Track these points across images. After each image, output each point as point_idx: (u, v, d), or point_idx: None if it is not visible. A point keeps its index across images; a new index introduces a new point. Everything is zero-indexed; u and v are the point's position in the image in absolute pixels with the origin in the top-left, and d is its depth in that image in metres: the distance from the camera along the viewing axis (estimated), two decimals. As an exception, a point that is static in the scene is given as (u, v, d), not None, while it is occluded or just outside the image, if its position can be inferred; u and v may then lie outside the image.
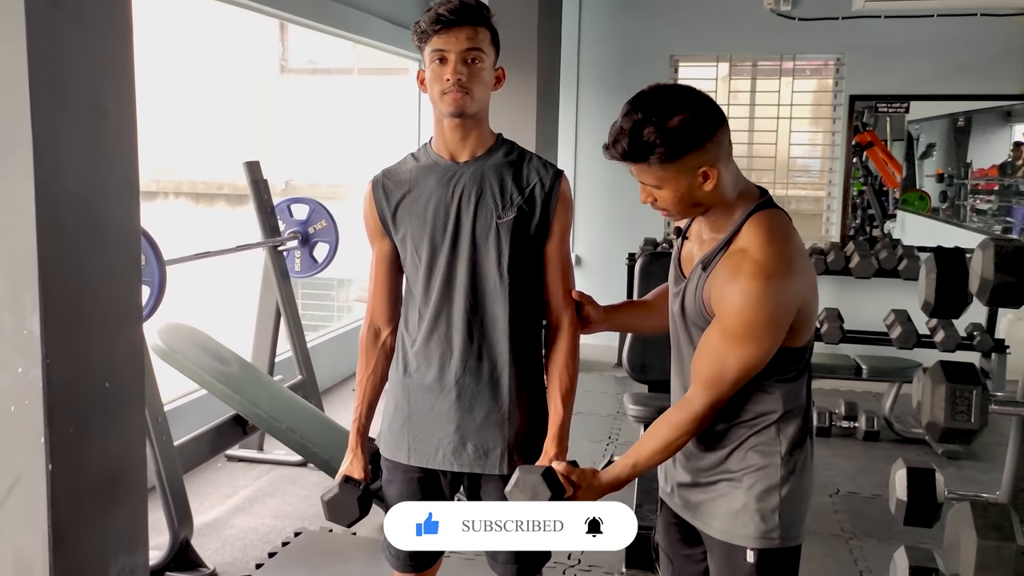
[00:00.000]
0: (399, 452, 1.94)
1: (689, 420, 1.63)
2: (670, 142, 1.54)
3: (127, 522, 2.11)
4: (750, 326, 1.55)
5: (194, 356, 3.44)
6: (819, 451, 4.52)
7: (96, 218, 1.96)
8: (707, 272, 1.64)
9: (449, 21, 1.78)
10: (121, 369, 2.07)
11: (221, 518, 3.58)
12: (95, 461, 1.99)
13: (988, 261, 1.92)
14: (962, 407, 1.83)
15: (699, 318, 1.67)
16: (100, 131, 1.95)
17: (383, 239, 1.94)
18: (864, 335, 5.68)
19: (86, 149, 1.91)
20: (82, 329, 1.94)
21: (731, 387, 1.61)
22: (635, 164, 1.59)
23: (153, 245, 2.82)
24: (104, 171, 1.98)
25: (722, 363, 1.59)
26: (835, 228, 6.51)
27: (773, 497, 1.66)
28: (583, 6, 6.58)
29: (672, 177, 1.58)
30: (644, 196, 1.67)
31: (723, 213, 1.65)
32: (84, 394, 1.95)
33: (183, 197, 9.50)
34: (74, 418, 1.91)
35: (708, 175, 1.58)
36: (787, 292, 1.57)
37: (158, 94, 8.70)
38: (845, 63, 6.33)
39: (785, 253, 1.58)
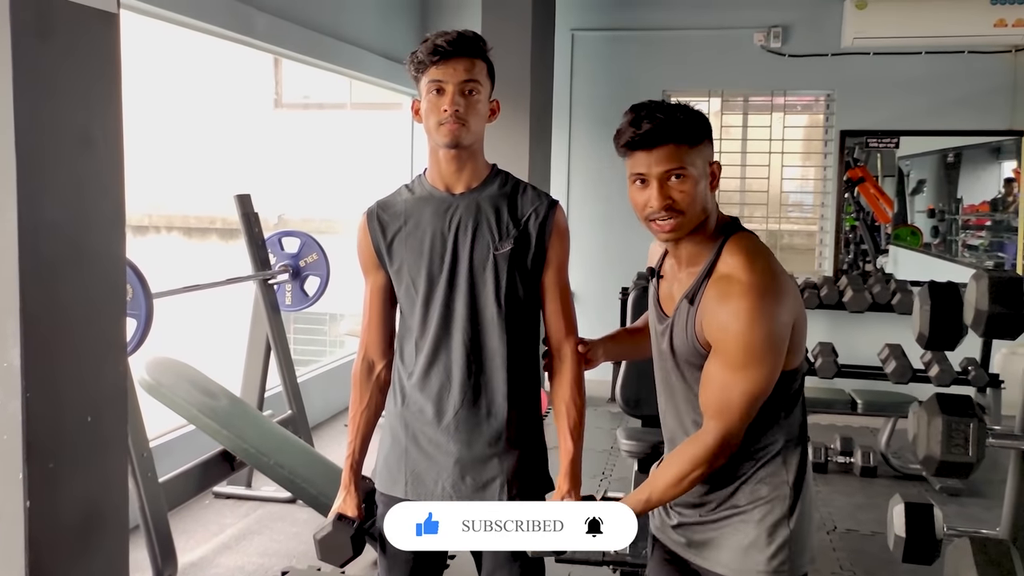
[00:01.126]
0: (395, 487, 1.90)
1: (704, 453, 1.59)
2: (697, 121, 1.60)
3: (107, 561, 2.05)
4: (749, 350, 1.53)
5: (181, 390, 3.39)
6: (817, 487, 4.48)
7: (80, 250, 1.93)
8: (694, 305, 1.62)
9: (447, 53, 1.78)
10: (104, 403, 2.02)
11: (207, 556, 3.51)
12: (75, 498, 1.94)
13: (983, 292, 1.90)
14: (959, 440, 1.80)
15: (692, 354, 1.64)
16: (86, 162, 1.93)
17: (378, 271, 1.91)
18: (859, 369, 5.65)
19: (71, 180, 1.89)
20: (64, 362, 1.90)
21: (741, 416, 1.57)
22: (670, 144, 1.57)
23: (140, 277, 2.79)
24: (89, 202, 1.95)
25: (728, 393, 1.56)
26: (828, 262, 6.51)
27: (783, 529, 1.64)
28: (575, 41, 6.62)
29: (695, 163, 1.59)
30: (661, 199, 1.58)
31: (702, 240, 1.64)
32: (65, 429, 1.90)
33: (175, 231, 9.48)
34: (54, 453, 1.86)
35: (715, 173, 1.64)
36: (780, 309, 1.56)
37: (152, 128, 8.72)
38: (835, 99, 6.37)
39: (770, 271, 1.58)
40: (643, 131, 1.57)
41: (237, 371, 4.24)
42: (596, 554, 2.79)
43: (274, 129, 8.50)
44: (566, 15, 6.42)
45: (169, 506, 3.16)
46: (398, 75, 6.31)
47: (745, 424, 1.59)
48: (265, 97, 8.57)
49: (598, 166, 6.44)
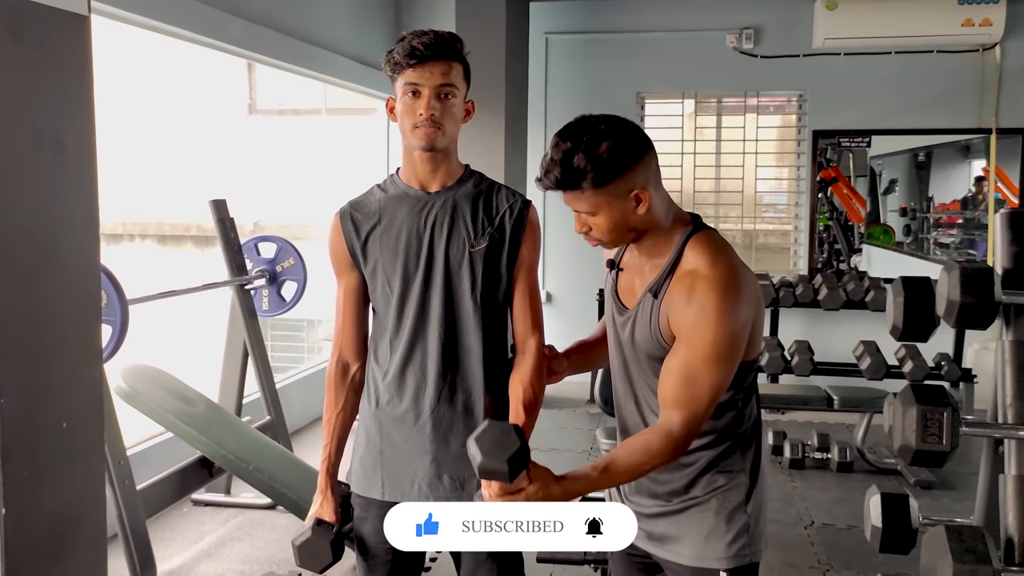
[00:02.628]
0: (372, 488, 1.90)
1: (669, 446, 1.57)
2: (600, 167, 1.56)
3: (85, 568, 2.04)
4: (716, 344, 1.56)
5: (157, 397, 3.37)
6: (793, 483, 4.52)
7: (54, 255, 1.91)
8: (658, 299, 1.65)
9: (423, 56, 1.77)
10: (80, 409, 2.01)
11: (186, 564, 3.49)
12: (51, 505, 1.92)
13: (954, 283, 1.93)
14: (933, 429, 1.83)
15: (655, 347, 1.66)
16: (59, 167, 1.91)
17: (351, 271, 1.91)
18: (834, 367, 5.72)
19: (44, 185, 1.87)
20: (39, 369, 1.88)
21: (705, 408, 1.59)
22: (569, 192, 1.61)
23: (115, 284, 2.77)
24: (63, 208, 1.94)
25: (694, 385, 1.57)
26: (803, 261, 6.57)
27: (741, 516, 1.69)
28: (549, 45, 6.65)
29: (605, 203, 1.60)
30: (579, 226, 1.67)
31: (659, 238, 1.67)
32: (40, 435, 1.89)
33: (149, 239, 9.39)
34: (29, 460, 1.85)
35: (640, 198, 1.61)
36: (742, 305, 1.59)
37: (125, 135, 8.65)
38: (807, 99, 6.44)
39: (732, 268, 1.61)
40: (544, 184, 1.62)
41: (215, 378, 4.21)
42: (578, 553, 2.79)
43: (249, 135, 8.46)
44: (540, 19, 6.45)
45: (147, 513, 3.14)
46: (372, 79, 6.30)
47: (707, 416, 1.61)
48: (239, 103, 8.52)
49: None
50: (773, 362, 5.67)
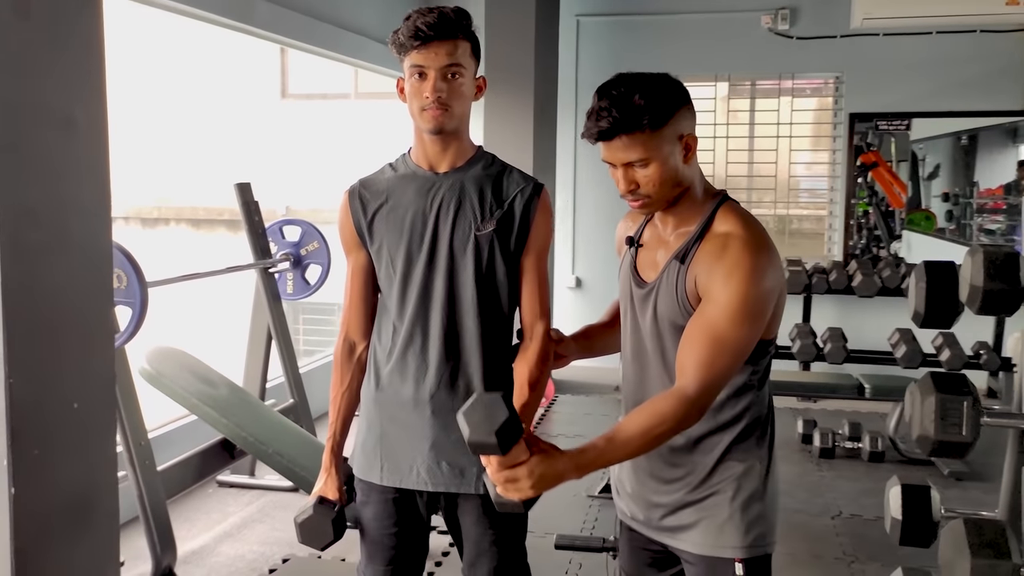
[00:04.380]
0: (372, 472, 1.88)
1: (681, 408, 1.49)
2: (658, 103, 1.54)
3: (96, 547, 2.05)
4: (746, 303, 1.51)
5: (181, 379, 3.39)
6: (821, 473, 4.44)
7: (64, 235, 1.90)
8: (686, 263, 1.60)
9: (428, 36, 1.73)
10: (91, 390, 2.01)
11: (208, 545, 3.51)
12: (62, 485, 1.93)
13: (978, 268, 1.86)
14: (953, 419, 1.76)
15: (680, 314, 1.61)
16: (69, 146, 1.90)
17: (359, 250, 1.89)
18: (868, 355, 5.60)
19: (53, 164, 1.86)
20: (49, 348, 1.88)
21: (724, 373, 1.52)
22: (625, 136, 1.55)
23: (135, 266, 2.77)
24: (73, 187, 1.93)
25: (719, 346, 1.51)
26: (837, 247, 6.44)
27: (757, 504, 1.64)
28: (580, 27, 6.56)
29: (659, 147, 1.55)
30: (625, 184, 1.60)
31: (691, 207, 1.64)
32: (51, 415, 1.89)
33: (184, 223, 9.49)
34: (39, 440, 1.85)
35: (690, 145, 1.59)
36: (772, 270, 1.55)
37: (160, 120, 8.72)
38: (844, 81, 6.29)
39: (764, 234, 1.59)
40: (600, 128, 1.56)
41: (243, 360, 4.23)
42: (596, 540, 2.76)
43: (281, 119, 8.48)
44: (570, 1, 6.37)
45: (168, 495, 3.16)
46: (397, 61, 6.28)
47: (723, 383, 1.54)
48: (272, 88, 8.55)
49: (605, 153, 6.37)
50: (805, 349, 5.57)
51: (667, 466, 1.68)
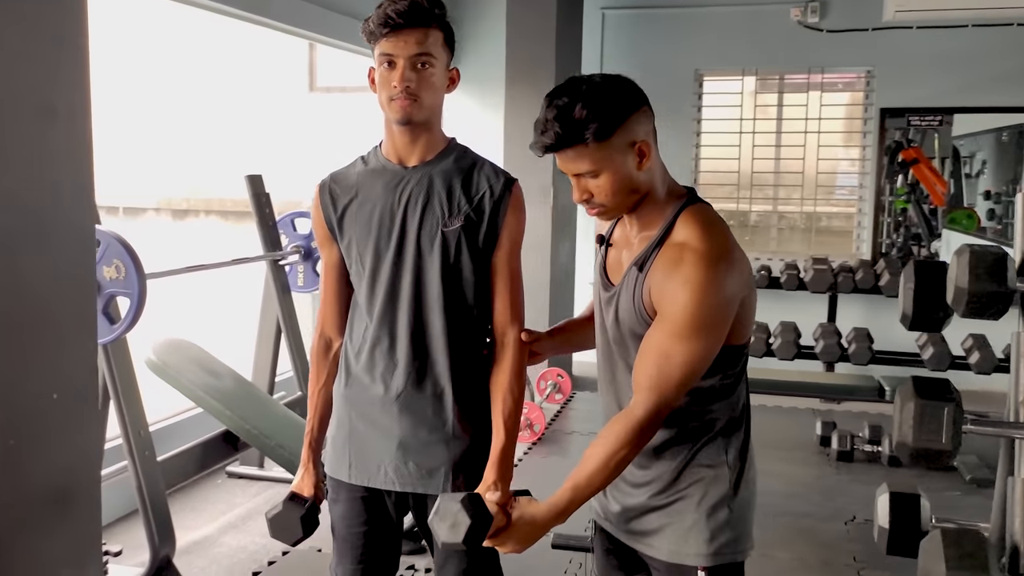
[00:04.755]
0: (341, 470, 1.85)
1: (631, 430, 1.50)
2: (602, 115, 1.48)
3: (75, 537, 2.04)
4: (695, 318, 1.46)
5: (186, 370, 3.40)
6: (838, 476, 4.33)
7: (43, 223, 1.90)
8: (643, 272, 1.55)
9: (397, 24, 1.69)
10: (71, 379, 2.00)
11: (212, 535, 3.52)
12: (40, 474, 1.92)
13: (963, 269, 1.77)
14: (932, 425, 1.68)
15: (638, 322, 1.56)
16: (49, 134, 1.89)
17: (331, 245, 1.85)
18: (895, 356, 5.48)
19: (31, 152, 1.86)
20: (25, 337, 1.87)
21: (676, 389, 1.50)
22: (570, 149, 1.50)
23: (134, 257, 2.77)
24: (53, 175, 1.92)
25: (667, 362, 1.48)
26: (866, 245, 6.30)
27: (723, 511, 1.59)
28: (606, 21, 6.49)
29: (608, 157, 1.50)
30: (578, 193, 1.56)
31: (653, 209, 1.58)
32: (28, 405, 1.88)
33: (214, 215, 9.57)
34: (15, 429, 1.85)
35: (644, 151, 1.52)
36: (730, 281, 1.49)
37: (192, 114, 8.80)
38: (876, 75, 6.14)
39: (724, 243, 1.52)
40: (543, 144, 1.52)
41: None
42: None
43: (308, 112, 8.51)
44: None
45: (168, 485, 3.17)
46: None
47: (679, 398, 1.51)
48: (300, 81, 8.57)
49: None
50: (829, 349, 5.46)
51: (636, 469, 1.64)
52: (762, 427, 5.62)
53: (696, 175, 6.45)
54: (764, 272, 5.97)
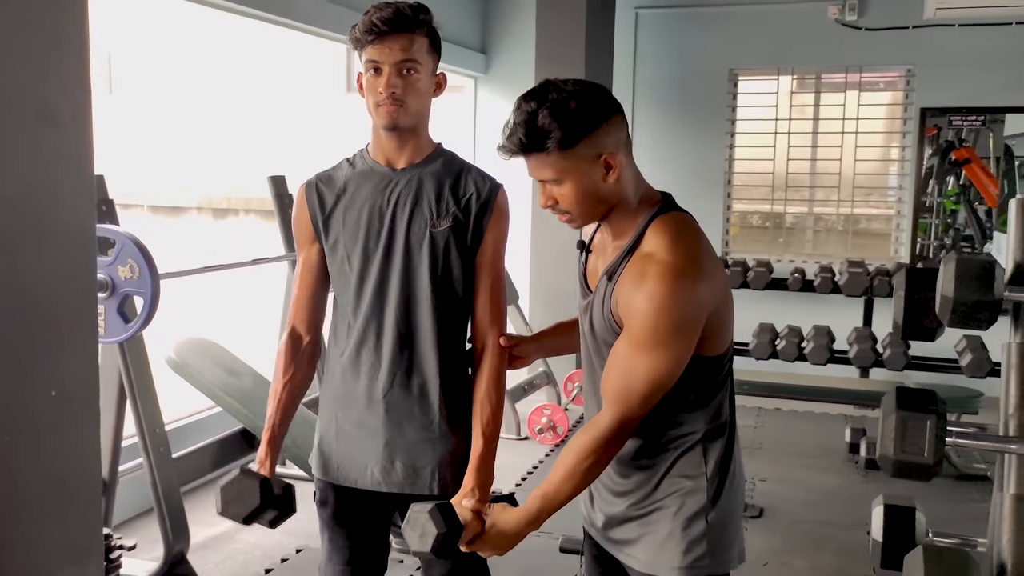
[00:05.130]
0: (328, 471, 1.85)
1: (595, 441, 1.49)
2: (566, 125, 1.46)
3: (75, 533, 2.07)
4: (657, 332, 1.44)
5: (205, 369, 3.44)
6: (865, 484, 4.24)
7: (42, 224, 1.92)
8: (612, 282, 1.53)
9: (381, 31, 1.71)
10: (71, 378, 2.03)
11: (228, 532, 3.56)
12: (37, 471, 1.95)
13: (949, 277, 1.70)
14: (914, 438, 1.62)
15: (608, 333, 1.55)
16: (48, 137, 1.92)
17: (312, 245, 1.86)
18: (932, 362, 5.34)
19: (30, 154, 1.88)
20: (22, 337, 1.90)
21: (640, 402, 1.48)
22: (533, 155, 1.49)
23: (147, 257, 2.81)
24: (53, 177, 1.95)
25: (630, 375, 1.47)
26: (904, 248, 6.16)
27: (699, 523, 1.56)
28: (639, 20, 6.43)
29: (572, 167, 1.48)
30: (544, 199, 1.55)
31: (625, 217, 1.55)
32: (26, 403, 1.91)
33: (253, 214, 9.71)
34: (13, 426, 1.88)
35: (610, 164, 1.50)
36: (696, 294, 1.46)
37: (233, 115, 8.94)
38: (916, 74, 5.99)
39: (692, 254, 1.48)
40: (506, 148, 1.51)
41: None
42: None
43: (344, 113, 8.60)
44: (628, -7, 6.25)
45: (184, 482, 3.21)
46: (458, 58, 6.27)
47: (645, 410, 1.49)
48: (337, 83, 8.67)
49: (666, 150, 6.25)
50: (862, 355, 5.34)
51: (617, 477, 1.63)
52: (791, 433, 5.55)
53: (729, 176, 6.36)
54: (798, 275, 5.86)
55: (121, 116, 9.14)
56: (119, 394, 3.01)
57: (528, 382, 5.35)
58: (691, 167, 6.28)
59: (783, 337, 5.66)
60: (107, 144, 8.96)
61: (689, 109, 6.27)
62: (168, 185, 9.37)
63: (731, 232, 6.46)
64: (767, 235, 6.47)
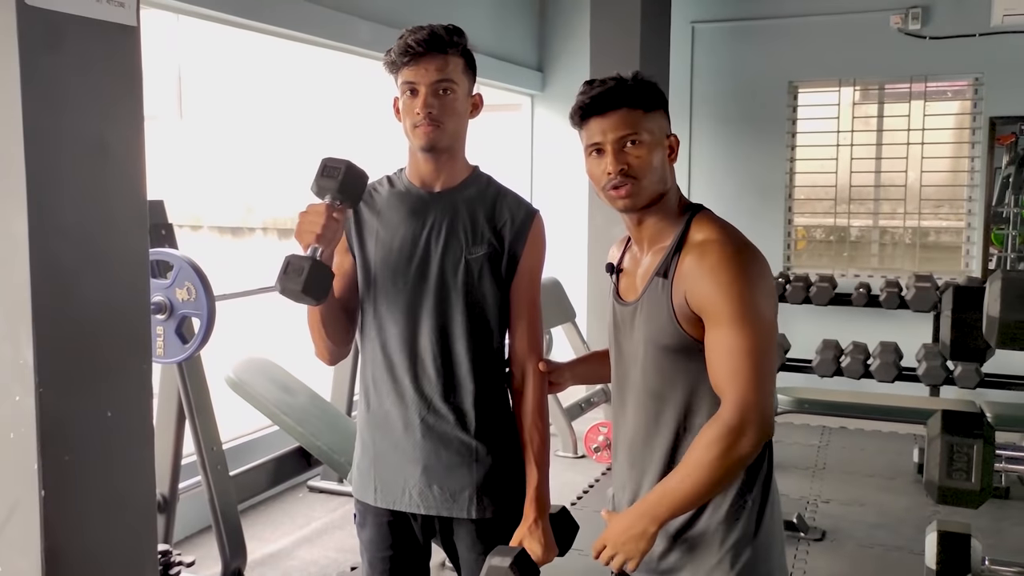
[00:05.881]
0: (367, 493, 1.87)
1: (718, 430, 1.45)
2: (652, 90, 1.57)
3: (130, 547, 2.14)
4: (742, 300, 1.45)
5: (262, 388, 3.52)
6: (936, 508, 4.09)
7: (98, 252, 2.00)
8: (669, 278, 1.54)
9: (417, 53, 1.72)
10: (125, 399, 2.10)
11: (286, 548, 3.63)
12: (95, 487, 2.02)
13: (994, 297, 1.64)
14: (960, 464, 1.56)
15: (666, 333, 1.54)
16: (103, 168, 2.00)
17: (346, 254, 1.85)
18: (1007, 380, 5.15)
19: (87, 186, 1.96)
20: (82, 360, 1.98)
21: (753, 379, 1.44)
22: (627, 110, 1.54)
23: (204, 280, 2.90)
24: (108, 207, 2.03)
25: (732, 357, 1.45)
26: (975, 262, 5.95)
27: (746, 551, 1.53)
28: (695, 35, 6.39)
29: (654, 130, 1.56)
30: (616, 163, 1.54)
31: (665, 219, 1.59)
32: (83, 423, 1.99)
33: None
34: (71, 445, 1.95)
35: (673, 146, 1.59)
36: (761, 265, 1.50)
37: (295, 138, 9.14)
38: (984, 83, 5.82)
39: (743, 237, 1.54)
40: (595, 95, 1.55)
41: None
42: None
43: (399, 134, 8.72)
44: (684, 8, 6.21)
45: (241, 499, 3.28)
46: (514, 76, 6.32)
47: (761, 391, 1.44)
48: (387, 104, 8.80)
49: (724, 164, 6.19)
50: (932, 372, 5.18)
51: None
52: (857, 453, 5.42)
53: (790, 189, 6.25)
54: (863, 290, 5.72)
55: (190, 141, 9.42)
56: (178, 413, 3.10)
57: (585, 400, 5.33)
58: (751, 181, 6.20)
59: (848, 354, 5.52)
60: (176, 168, 9.31)
61: (748, 123, 6.19)
62: (234, 206, 9.61)
63: (797, 246, 6.35)
64: (831, 249, 6.33)
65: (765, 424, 1.45)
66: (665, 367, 1.56)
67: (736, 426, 1.44)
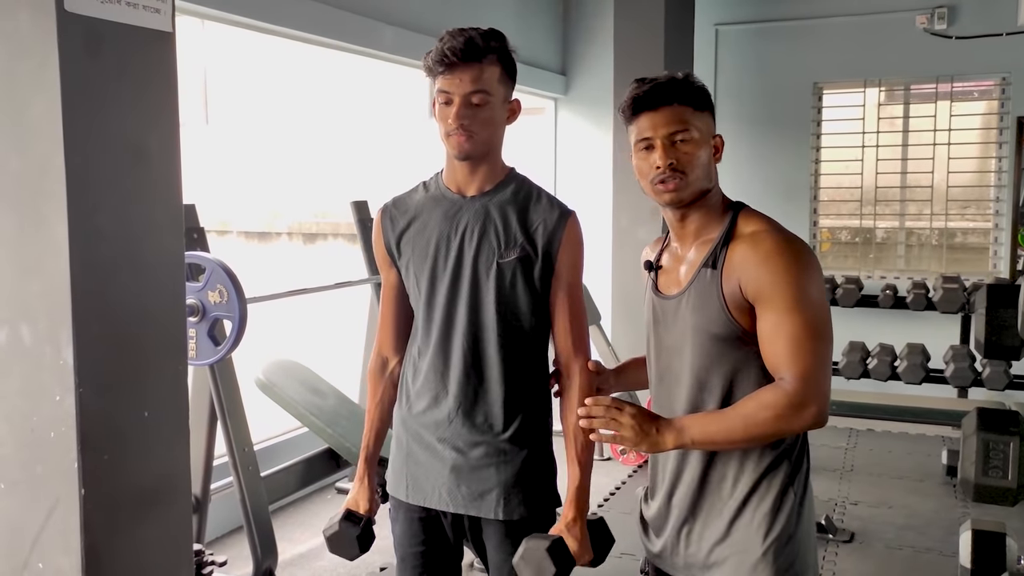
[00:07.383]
0: (399, 489, 1.89)
1: (780, 397, 1.47)
2: (699, 87, 1.61)
3: (167, 546, 2.17)
4: (799, 283, 1.49)
5: (291, 390, 3.55)
6: (965, 509, 4.06)
7: (135, 255, 2.04)
8: (718, 268, 1.56)
9: (452, 62, 1.72)
10: (162, 399, 2.13)
11: (315, 549, 3.65)
12: (133, 486, 2.05)
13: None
14: (996, 461, 1.56)
15: (716, 322, 1.56)
16: (140, 172, 2.03)
17: (390, 268, 1.91)
18: (1036, 381, 5.10)
19: (124, 189, 2.00)
20: (120, 361, 2.01)
21: (815, 360, 1.47)
22: (679, 107, 1.57)
23: (235, 283, 2.93)
24: (145, 210, 2.06)
25: (791, 339, 1.49)
26: (1003, 263, 5.90)
27: (792, 544, 1.55)
28: (719, 36, 6.38)
29: (703, 128, 1.59)
30: (665, 158, 1.57)
31: (708, 212, 1.63)
32: (121, 422, 2.02)
33: (340, 238, 9.96)
34: (110, 445, 1.99)
35: (718, 146, 1.63)
36: (810, 255, 1.54)
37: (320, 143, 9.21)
38: (1011, 83, 5.77)
39: (789, 231, 1.58)
40: (647, 90, 1.58)
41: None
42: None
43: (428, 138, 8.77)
44: (708, 10, 6.21)
45: (272, 500, 3.31)
46: (538, 80, 6.33)
47: (824, 373, 1.48)
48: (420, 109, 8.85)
49: (748, 165, 6.16)
50: (960, 373, 5.14)
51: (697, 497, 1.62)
52: (885, 455, 5.38)
53: (816, 191, 6.22)
54: (889, 292, 5.69)
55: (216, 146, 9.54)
56: (210, 415, 3.13)
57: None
58: (775, 183, 6.18)
59: (875, 356, 5.49)
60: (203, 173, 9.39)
61: (772, 124, 6.17)
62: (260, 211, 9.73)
63: (822, 248, 6.32)
64: (857, 251, 6.29)
65: (824, 407, 1.48)
66: (712, 355, 1.58)
67: (798, 400, 1.47)
